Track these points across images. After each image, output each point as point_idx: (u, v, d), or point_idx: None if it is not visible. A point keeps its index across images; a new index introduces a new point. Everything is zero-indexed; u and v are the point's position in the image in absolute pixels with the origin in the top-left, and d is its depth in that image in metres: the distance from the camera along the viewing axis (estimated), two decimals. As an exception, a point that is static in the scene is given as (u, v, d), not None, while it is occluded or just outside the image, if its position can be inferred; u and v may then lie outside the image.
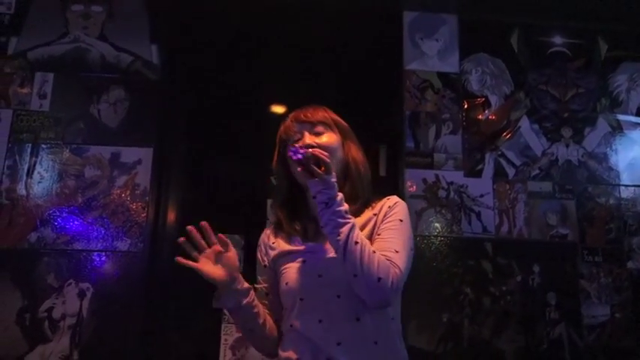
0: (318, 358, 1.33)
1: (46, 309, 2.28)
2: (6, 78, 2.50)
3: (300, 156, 1.33)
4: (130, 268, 2.35)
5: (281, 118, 1.55)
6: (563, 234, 2.56)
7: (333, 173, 1.35)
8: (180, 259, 1.35)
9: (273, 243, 1.51)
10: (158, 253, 2.44)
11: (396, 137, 2.67)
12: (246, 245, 2.46)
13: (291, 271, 1.42)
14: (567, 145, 2.68)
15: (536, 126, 2.69)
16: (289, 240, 1.48)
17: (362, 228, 1.41)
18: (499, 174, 2.61)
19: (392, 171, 2.72)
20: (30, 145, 2.44)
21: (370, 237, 1.40)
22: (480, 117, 2.68)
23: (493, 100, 2.71)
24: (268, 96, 2.76)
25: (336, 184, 1.34)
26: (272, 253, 1.50)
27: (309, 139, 1.44)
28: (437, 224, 2.52)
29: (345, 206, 1.34)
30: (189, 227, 1.39)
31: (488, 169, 2.62)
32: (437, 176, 2.57)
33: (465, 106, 2.68)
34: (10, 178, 2.40)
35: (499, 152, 2.64)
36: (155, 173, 2.46)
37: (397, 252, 1.34)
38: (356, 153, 1.51)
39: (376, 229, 1.41)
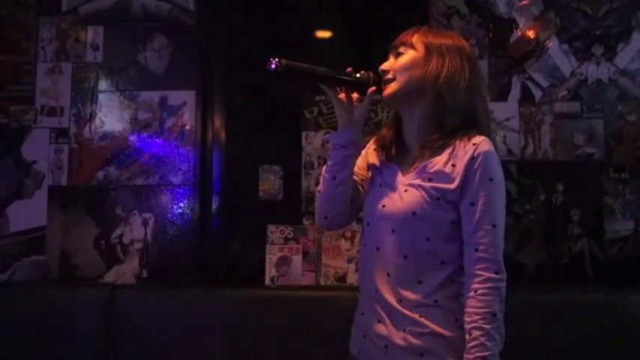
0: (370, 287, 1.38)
1: (117, 236, 2.68)
2: (63, 33, 2.77)
3: (272, 66, 1.33)
4: (183, 199, 2.69)
5: (310, 53, 1.65)
6: (590, 153, 2.61)
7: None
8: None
9: (374, 150, 1.49)
10: (206, 185, 2.75)
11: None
12: (285, 175, 2.70)
13: (370, 190, 1.45)
14: (598, 64, 2.66)
15: (565, 46, 2.68)
16: (382, 158, 1.45)
17: (432, 177, 1.32)
18: (526, 97, 2.66)
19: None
20: (89, 93, 2.75)
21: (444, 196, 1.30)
22: (508, 40, 2.70)
23: (521, 22, 2.70)
24: (298, 31, 2.86)
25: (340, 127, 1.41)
26: (369, 159, 1.49)
27: (386, 63, 1.42)
28: (463, 148, 2.64)
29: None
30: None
31: (515, 92, 2.67)
32: (462, 102, 2.65)
33: (492, 30, 2.70)
34: (77, 125, 2.74)
35: (526, 75, 2.67)
36: (199, 113, 2.72)
37: None
38: (439, 67, 1.33)
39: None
